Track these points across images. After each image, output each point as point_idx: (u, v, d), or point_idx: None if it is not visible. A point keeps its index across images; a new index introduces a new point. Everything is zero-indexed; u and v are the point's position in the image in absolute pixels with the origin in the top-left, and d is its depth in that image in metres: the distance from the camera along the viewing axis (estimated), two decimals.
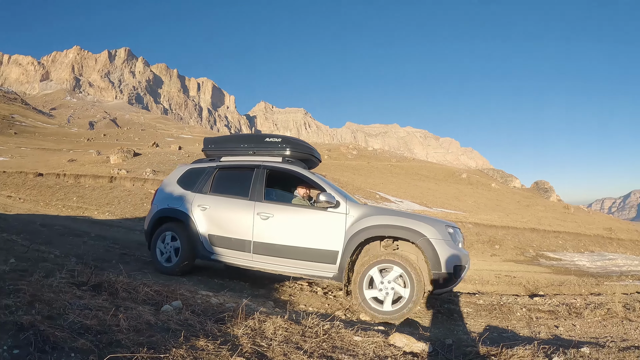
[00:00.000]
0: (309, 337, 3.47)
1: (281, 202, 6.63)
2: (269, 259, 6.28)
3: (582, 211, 44.73)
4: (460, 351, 4.04)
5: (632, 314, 6.50)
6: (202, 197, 6.98)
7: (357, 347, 3.48)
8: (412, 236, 5.52)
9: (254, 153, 7.08)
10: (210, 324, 3.55)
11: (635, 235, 28.75)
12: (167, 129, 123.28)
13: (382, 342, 3.69)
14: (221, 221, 6.71)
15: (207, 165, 7.34)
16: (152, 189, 20.57)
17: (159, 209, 7.34)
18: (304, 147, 7.21)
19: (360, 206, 6.06)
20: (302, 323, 3.77)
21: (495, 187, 46.27)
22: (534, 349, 4.01)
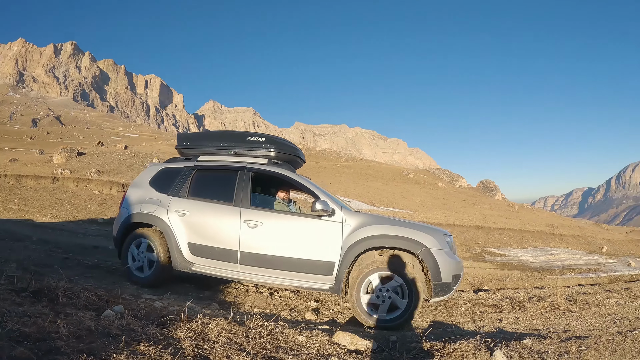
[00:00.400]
0: (253, 338, 3.44)
1: (270, 209, 6.22)
2: (259, 270, 5.79)
3: (526, 209, 46.21)
4: (404, 347, 4.09)
5: (574, 306, 6.75)
6: (179, 202, 6.35)
7: (301, 346, 3.48)
8: (413, 247, 5.35)
9: (235, 153, 6.50)
10: (152, 328, 3.48)
11: (576, 231, 29.95)
12: (113, 128, 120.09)
13: (326, 341, 3.70)
14: (203, 229, 6.12)
15: (184, 165, 6.69)
16: (96, 190, 19.99)
17: (130, 213, 6.60)
18: (289, 148, 6.71)
19: (356, 214, 5.75)
20: (246, 324, 3.74)
21: (442, 187, 47.17)
22: (476, 342, 4.09)
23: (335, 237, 5.53)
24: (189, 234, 6.15)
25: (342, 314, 5.88)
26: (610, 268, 14.06)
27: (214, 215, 6.10)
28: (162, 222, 6.30)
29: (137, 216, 6.54)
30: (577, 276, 12.27)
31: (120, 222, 6.67)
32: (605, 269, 13.85)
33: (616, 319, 6.01)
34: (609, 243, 26.93)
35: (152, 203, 6.49)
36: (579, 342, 4.42)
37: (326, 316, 5.81)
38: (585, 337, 4.77)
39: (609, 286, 9.33)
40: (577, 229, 32.05)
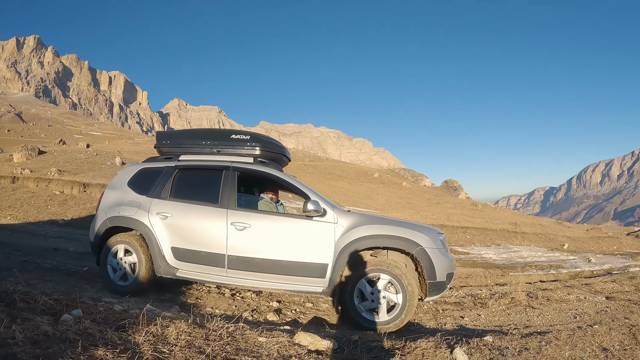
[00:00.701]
0: (213, 341, 3.41)
1: (258, 210, 5.93)
2: (248, 274, 5.55)
3: (489, 208, 47.07)
4: (365, 347, 4.09)
5: (535, 302, 6.89)
6: (161, 204, 6.02)
7: (262, 348, 3.46)
8: (408, 246, 5.27)
9: (218, 152, 6.23)
10: (110, 333, 3.41)
11: (538, 229, 30.67)
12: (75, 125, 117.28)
13: (286, 342, 3.70)
14: (187, 232, 5.81)
15: (165, 165, 6.33)
16: (57, 190, 19.48)
17: (108, 217, 6.20)
18: (275, 146, 6.46)
19: (348, 214, 5.58)
20: (206, 326, 3.70)
21: (407, 186, 47.61)
22: (437, 340, 4.14)
23: (328, 238, 5.40)
24: (172, 238, 5.86)
25: (305, 314, 5.87)
26: (571, 264, 14.38)
27: (199, 217, 5.82)
28: (143, 226, 5.98)
29: (116, 220, 6.18)
30: (538, 273, 12.50)
31: (98, 227, 6.27)
32: (566, 265, 14.16)
33: (577, 314, 6.13)
34: (570, 240, 27.64)
35: (131, 205, 6.16)
36: (539, 337, 4.50)
37: (288, 317, 5.76)
38: (546, 332, 4.86)
39: (570, 282, 9.55)
40: (539, 227, 32.83)
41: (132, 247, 5.97)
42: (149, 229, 5.92)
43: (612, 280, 9.30)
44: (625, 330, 5.04)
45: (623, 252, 26.92)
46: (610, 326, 5.19)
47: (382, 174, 54.27)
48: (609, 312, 6.12)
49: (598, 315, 5.96)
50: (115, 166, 24.24)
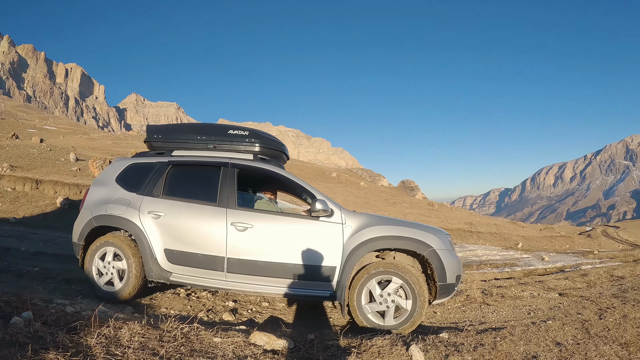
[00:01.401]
0: (167, 342, 3.35)
1: (260, 210, 5.58)
2: (249, 278, 5.25)
3: (446, 207, 47.98)
4: (322, 345, 4.11)
5: (490, 299, 7.02)
6: (152, 202, 5.63)
7: (217, 348, 3.43)
8: (419, 248, 5.11)
9: (214, 147, 5.88)
10: (62, 335, 3.30)
11: (493, 229, 31.45)
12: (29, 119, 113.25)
13: (242, 342, 3.67)
14: (182, 233, 5.44)
15: (156, 160, 5.95)
16: (8, 186, 18.80)
17: (94, 215, 5.75)
18: (274, 143, 6.14)
19: (356, 215, 5.36)
20: (160, 327, 3.63)
21: (364, 186, 47.97)
22: (393, 338, 4.19)
23: (336, 240, 5.18)
24: (165, 239, 5.49)
25: (261, 313, 5.82)
26: (525, 262, 14.69)
27: (195, 217, 5.46)
28: (133, 226, 5.57)
29: (103, 219, 5.73)
30: (493, 271, 12.69)
31: (82, 226, 5.82)
32: (520, 263, 14.45)
33: (530, 310, 6.24)
34: (524, 239, 28.45)
35: (120, 203, 5.73)
36: (494, 333, 4.59)
37: (244, 316, 5.67)
38: (500, 328, 4.96)
39: (524, 279, 9.71)
40: (494, 226, 33.65)
41: (121, 249, 5.58)
42: (140, 229, 5.54)
43: (565, 278, 9.53)
44: (578, 325, 5.18)
45: (575, 250, 27.83)
46: (563, 321, 5.33)
47: (340, 173, 54.56)
48: (562, 308, 6.25)
49: (551, 311, 6.06)
50: (69, 162, 23.60)
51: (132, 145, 44.28)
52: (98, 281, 5.62)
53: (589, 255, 18.96)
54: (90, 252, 5.69)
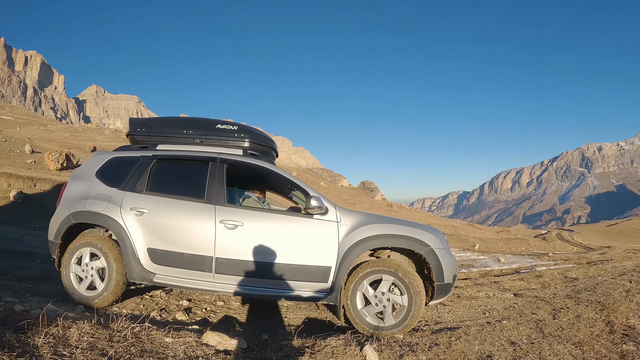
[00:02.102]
0: (117, 342, 3.27)
1: (251, 207, 5.40)
2: (239, 279, 5.01)
3: (405, 209, 48.53)
4: (275, 346, 4.11)
5: (445, 299, 7.17)
6: (135, 198, 5.33)
7: (168, 349, 3.38)
8: (417, 246, 5.00)
9: (201, 142, 5.63)
10: (8, 335, 3.17)
11: (451, 230, 32.02)
12: None
13: (194, 342, 3.63)
14: (167, 231, 5.15)
15: (140, 154, 5.64)
16: None
17: (72, 212, 5.39)
18: (264, 139, 5.89)
19: (351, 213, 5.22)
20: (110, 327, 3.54)
21: (324, 186, 48.05)
22: (347, 338, 4.23)
23: (331, 239, 5.01)
24: (148, 238, 5.19)
25: (215, 312, 5.73)
26: (482, 264, 14.92)
27: (182, 214, 5.19)
28: (114, 223, 5.24)
29: (81, 215, 5.37)
30: None
31: (59, 223, 5.46)
32: (477, 264, 14.66)
33: (485, 310, 6.37)
34: (481, 241, 28.99)
35: (100, 199, 5.39)
36: (449, 333, 4.70)
37: (198, 315, 5.56)
38: (456, 328, 5.09)
39: (480, 280, 9.85)
40: (452, 228, 34.25)
41: (100, 249, 5.25)
42: (122, 227, 5.22)
43: (520, 279, 9.75)
44: (533, 324, 5.33)
45: (530, 252, 28.50)
46: (518, 321, 5.48)
47: (300, 172, 54.50)
48: (517, 308, 6.38)
49: (506, 311, 6.17)
50: (24, 154, 22.85)
51: (90, 139, 43.23)
52: (75, 284, 5.29)
53: (544, 257, 19.40)
54: (67, 252, 5.34)
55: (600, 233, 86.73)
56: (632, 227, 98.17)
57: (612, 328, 5.52)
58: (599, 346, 4.91)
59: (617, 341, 5.11)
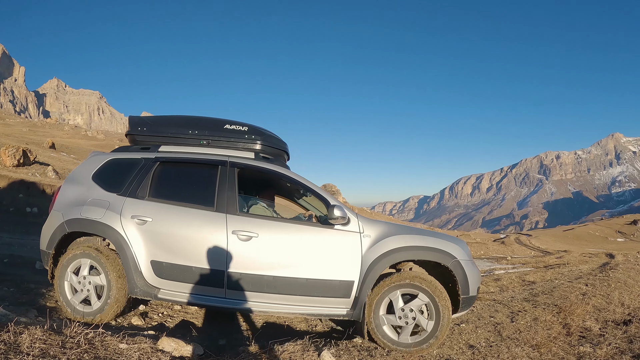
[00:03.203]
0: (70, 349, 3.21)
1: (266, 216, 4.99)
2: (253, 296, 4.62)
3: (366, 212, 49.03)
4: (233, 351, 4.12)
5: None
6: (137, 204, 4.87)
7: (122, 355, 3.33)
8: (443, 259, 4.68)
9: (207, 143, 5.21)
10: None
11: None
12: None
13: (149, 349, 3.59)
14: (173, 242, 4.71)
15: (141, 156, 5.19)
16: None
17: (66, 219, 4.91)
18: (276, 141, 5.50)
19: (374, 223, 4.86)
20: (63, 333, 3.47)
21: None
22: (305, 343, 4.25)
23: (354, 251, 4.64)
24: (152, 250, 4.74)
25: (172, 317, 5.63)
26: None
27: (189, 223, 4.76)
28: (114, 233, 4.78)
29: (77, 223, 4.91)
30: None
31: (52, 232, 4.99)
32: None
33: None
34: None
35: (97, 205, 4.93)
36: None
37: (155, 320, 5.42)
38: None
39: None
40: None
41: (98, 261, 4.77)
42: (122, 237, 4.76)
43: None
44: (491, 328, 5.48)
45: (489, 256, 29.17)
46: (476, 324, 5.61)
47: None
48: (475, 311, 6.47)
49: (465, 314, 6.19)
50: None
51: (50, 134, 42.19)
52: (71, 299, 4.83)
53: (503, 260, 19.86)
54: (62, 264, 4.86)
55: (557, 238, 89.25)
56: (588, 232, 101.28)
57: (569, 330, 5.71)
58: (557, 348, 5.08)
59: (574, 343, 5.28)
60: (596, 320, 6.28)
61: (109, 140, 50.79)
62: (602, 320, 6.29)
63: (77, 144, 43.53)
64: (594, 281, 9.31)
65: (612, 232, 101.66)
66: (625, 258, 15.53)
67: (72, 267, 4.83)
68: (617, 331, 5.72)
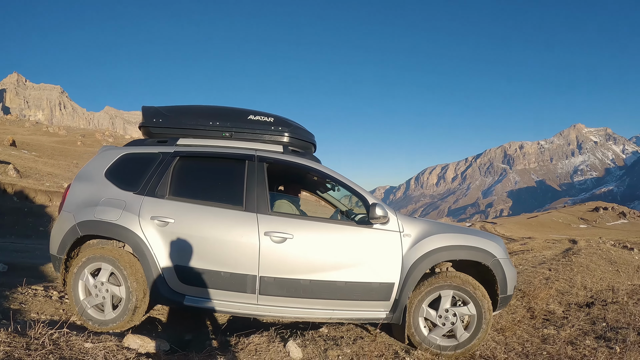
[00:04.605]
0: (34, 350, 3.19)
1: (300, 216, 4.71)
2: (288, 301, 4.37)
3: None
4: (199, 346, 4.17)
5: None
6: (156, 204, 4.51)
7: (87, 354, 3.33)
8: (484, 258, 4.53)
9: (230, 135, 4.83)
10: None
11: None
12: None
13: (114, 347, 3.59)
14: (199, 245, 4.36)
15: (158, 150, 4.81)
16: None
17: (78, 221, 4.53)
18: (305, 133, 5.14)
19: (414, 221, 4.66)
20: (28, 334, 3.43)
21: None
22: (270, 334, 4.31)
23: (394, 252, 4.42)
24: (176, 254, 4.39)
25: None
26: None
27: (216, 224, 4.42)
28: (133, 236, 4.43)
29: (90, 225, 4.53)
30: None
31: (64, 235, 4.60)
32: None
33: None
34: None
35: (113, 206, 4.55)
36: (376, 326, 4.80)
37: None
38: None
39: None
40: None
41: (117, 266, 4.39)
42: (142, 241, 4.41)
43: None
44: None
45: None
46: None
47: None
48: None
49: None
50: None
51: (10, 132, 41.01)
52: (87, 306, 4.47)
53: None
54: (77, 269, 4.49)
55: (521, 225, 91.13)
56: (551, 219, 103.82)
57: (533, 314, 5.96)
58: (521, 331, 5.31)
59: (538, 326, 5.53)
60: (559, 303, 6.56)
61: (71, 136, 49.66)
62: (566, 303, 6.57)
63: (39, 140, 42.48)
64: (557, 266, 9.62)
65: (575, 219, 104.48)
66: (587, 243, 15.93)
67: (88, 272, 4.48)
68: (580, 313, 6.01)
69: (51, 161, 30.42)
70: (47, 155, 33.80)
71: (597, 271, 9.27)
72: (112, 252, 4.46)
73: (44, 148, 36.37)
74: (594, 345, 4.85)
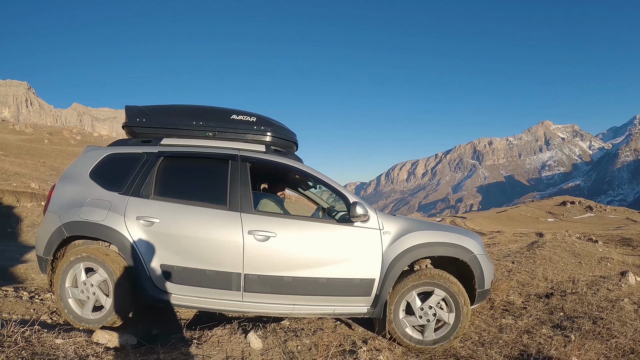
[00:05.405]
0: (7, 347, 3.34)
1: (283, 214, 4.75)
2: (272, 298, 4.46)
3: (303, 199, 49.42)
4: (166, 340, 4.33)
5: None
6: (141, 204, 4.56)
7: (58, 350, 3.48)
8: (462, 254, 4.66)
9: (213, 135, 4.88)
10: None
11: None
12: None
13: (84, 342, 3.75)
14: (184, 244, 4.43)
15: (142, 150, 4.84)
16: None
17: (64, 222, 4.56)
18: (287, 132, 5.21)
19: (394, 219, 4.75)
20: (1, 332, 3.58)
21: None
22: (233, 327, 4.49)
23: (374, 248, 4.52)
24: (161, 253, 4.45)
25: None
26: None
27: (201, 224, 4.48)
28: (119, 236, 4.46)
29: (76, 226, 4.55)
30: None
31: (49, 236, 4.63)
32: None
33: None
34: None
35: (98, 206, 4.58)
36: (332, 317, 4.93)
37: None
38: None
39: None
40: None
41: (103, 266, 4.46)
42: (128, 240, 4.45)
43: None
44: None
45: None
46: None
47: None
48: None
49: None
50: None
51: None
52: (73, 307, 4.54)
53: None
54: (62, 270, 4.55)
55: (490, 219, 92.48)
56: (520, 214, 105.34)
57: (493, 305, 6.17)
58: (479, 321, 5.52)
59: (497, 316, 5.74)
60: (519, 294, 6.77)
61: (38, 135, 48.81)
62: (525, 294, 6.78)
63: (5, 139, 41.67)
64: (521, 259, 9.81)
65: (543, 213, 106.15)
66: (553, 236, 16.09)
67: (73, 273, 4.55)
68: (539, 304, 6.21)
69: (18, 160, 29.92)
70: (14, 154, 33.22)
71: (559, 263, 9.43)
72: (98, 252, 4.51)
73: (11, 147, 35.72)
74: (549, 334, 5.01)
